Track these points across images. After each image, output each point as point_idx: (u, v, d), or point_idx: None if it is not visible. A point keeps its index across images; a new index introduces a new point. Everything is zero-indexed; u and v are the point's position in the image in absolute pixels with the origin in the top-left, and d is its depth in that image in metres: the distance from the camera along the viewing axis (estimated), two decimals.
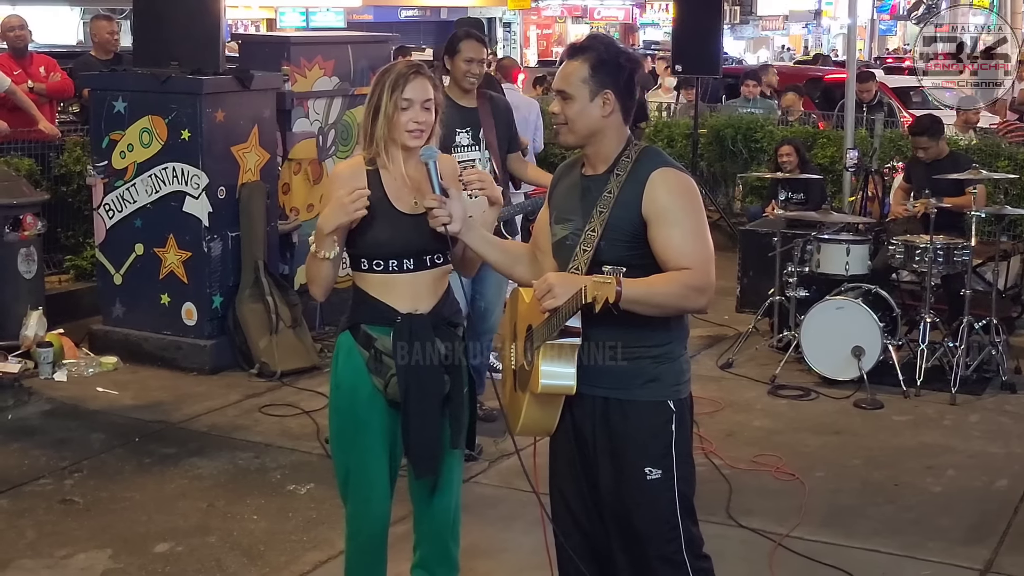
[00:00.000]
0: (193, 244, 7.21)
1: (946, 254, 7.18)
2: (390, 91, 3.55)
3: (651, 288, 3.18)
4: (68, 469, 5.71)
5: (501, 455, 5.89)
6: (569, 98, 3.33)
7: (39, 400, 6.65)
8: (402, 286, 3.61)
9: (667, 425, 3.33)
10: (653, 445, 3.33)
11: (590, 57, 3.32)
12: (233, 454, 5.90)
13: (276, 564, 4.70)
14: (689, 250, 3.22)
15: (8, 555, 4.81)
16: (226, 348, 7.27)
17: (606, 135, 3.34)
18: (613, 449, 3.37)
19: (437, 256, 3.63)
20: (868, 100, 11.88)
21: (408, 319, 3.59)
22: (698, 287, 3.22)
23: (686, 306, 3.27)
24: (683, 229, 3.23)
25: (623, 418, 3.33)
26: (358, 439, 3.67)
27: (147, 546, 4.89)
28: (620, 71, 3.32)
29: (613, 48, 3.37)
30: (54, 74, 9.30)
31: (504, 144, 6.14)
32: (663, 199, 3.24)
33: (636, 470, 3.33)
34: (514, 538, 5.03)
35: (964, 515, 5.30)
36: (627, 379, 3.31)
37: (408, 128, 3.55)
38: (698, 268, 3.21)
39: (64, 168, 8.56)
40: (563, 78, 3.35)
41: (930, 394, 6.95)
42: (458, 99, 6.00)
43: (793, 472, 5.72)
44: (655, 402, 3.32)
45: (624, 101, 3.34)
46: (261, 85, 7.46)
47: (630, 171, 3.29)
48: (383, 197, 3.57)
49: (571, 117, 3.34)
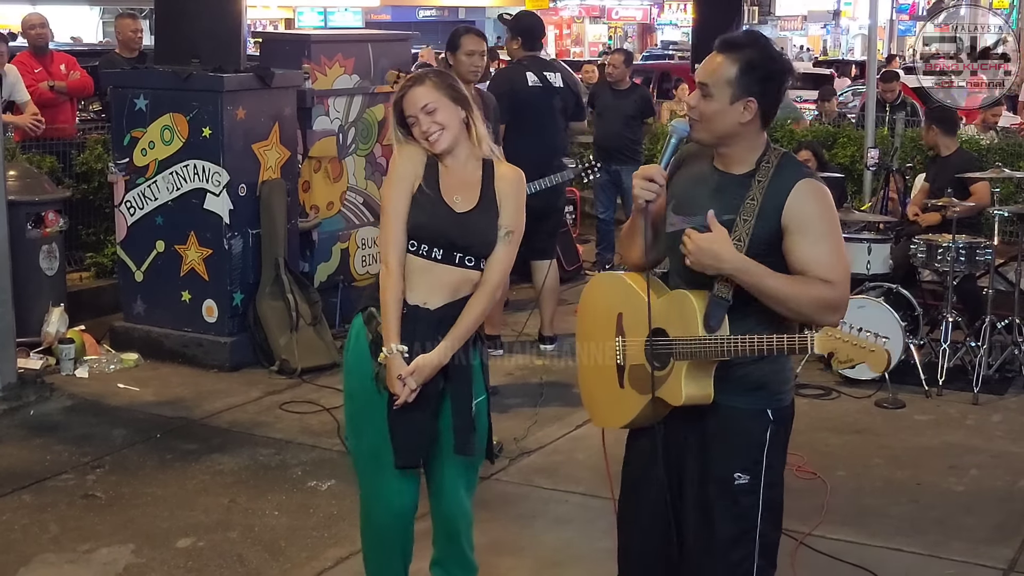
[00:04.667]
0: (214, 241, 7.23)
1: (968, 253, 7.16)
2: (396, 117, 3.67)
3: (783, 292, 3.10)
4: (90, 464, 5.73)
5: (521, 453, 5.89)
6: (709, 95, 3.16)
7: (61, 396, 6.68)
8: (422, 274, 3.63)
9: (763, 433, 3.25)
10: (748, 451, 3.25)
11: (740, 58, 3.14)
12: (254, 450, 5.92)
13: (297, 560, 4.72)
14: (833, 265, 3.13)
15: (31, 549, 4.83)
16: (246, 345, 7.29)
17: (744, 138, 3.20)
18: (704, 450, 3.28)
19: (468, 258, 3.63)
20: (891, 100, 11.83)
21: (414, 311, 3.61)
22: (834, 304, 3.13)
23: (815, 318, 3.13)
24: (828, 244, 3.14)
25: (724, 423, 3.24)
26: (369, 420, 3.69)
27: (169, 541, 4.91)
28: (769, 80, 3.16)
29: (767, 52, 3.19)
30: (74, 72, 9.35)
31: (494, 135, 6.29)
32: (809, 210, 3.13)
33: (727, 474, 3.25)
34: (535, 536, 5.02)
35: (987, 514, 5.28)
36: (734, 384, 3.21)
37: (426, 139, 3.62)
38: (839, 285, 3.13)
39: (86, 165, 8.59)
40: (707, 72, 3.18)
41: (952, 394, 6.92)
42: None
43: (815, 471, 5.70)
44: (754, 410, 3.24)
45: (767, 109, 3.18)
46: (282, 83, 7.47)
47: (771, 177, 3.16)
48: (435, 184, 3.63)
49: (707, 115, 3.17)
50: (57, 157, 8.44)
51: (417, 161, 3.64)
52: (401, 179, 3.64)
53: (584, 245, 10.34)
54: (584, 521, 5.08)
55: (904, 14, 48.49)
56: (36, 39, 9.35)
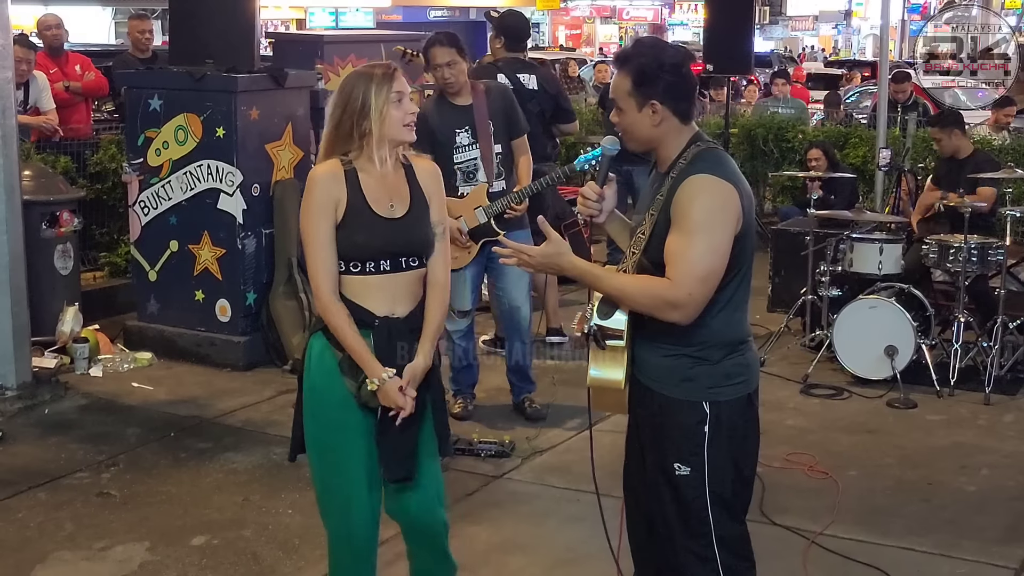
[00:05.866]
0: (227, 241, 7.25)
1: (980, 254, 7.15)
2: (378, 89, 3.52)
3: (622, 289, 3.23)
4: (105, 463, 5.76)
5: (534, 452, 5.91)
6: (620, 109, 3.34)
7: (75, 395, 6.71)
8: (378, 288, 3.57)
9: (700, 425, 3.31)
10: (684, 443, 3.33)
11: (632, 69, 3.29)
12: (268, 449, 5.94)
13: (311, 558, 4.73)
14: (681, 262, 3.17)
15: (47, 547, 4.86)
16: (259, 344, 7.32)
17: (665, 140, 3.33)
18: (653, 442, 3.39)
19: (412, 259, 3.60)
20: (903, 100, 11.82)
21: (386, 322, 3.57)
22: (671, 301, 3.17)
23: (658, 316, 3.22)
24: (687, 241, 3.18)
25: (660, 412, 3.36)
26: (335, 441, 3.60)
27: (183, 539, 4.93)
28: (661, 80, 3.27)
29: (655, 55, 3.30)
30: (89, 73, 9.39)
31: (503, 132, 6.09)
32: (684, 206, 3.20)
33: (667, 465, 3.35)
34: (547, 534, 5.04)
35: (999, 514, 5.28)
36: (666, 375, 3.33)
37: (405, 122, 3.56)
38: (678, 283, 3.16)
39: (100, 165, 8.62)
40: (613, 89, 3.36)
41: (964, 394, 6.92)
42: (453, 100, 6.02)
43: (826, 471, 5.71)
44: (689, 401, 3.32)
45: (676, 104, 3.30)
46: (295, 83, 7.50)
47: (681, 172, 3.26)
48: (362, 199, 3.54)
49: (625, 127, 3.35)
50: (72, 157, 8.48)
51: (333, 186, 3.53)
52: (320, 208, 3.52)
53: (596, 245, 10.37)
54: (596, 520, 5.07)
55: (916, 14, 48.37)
56: (51, 40, 9.39)
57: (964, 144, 8.06)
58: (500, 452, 5.84)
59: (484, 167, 6.02)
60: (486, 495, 5.44)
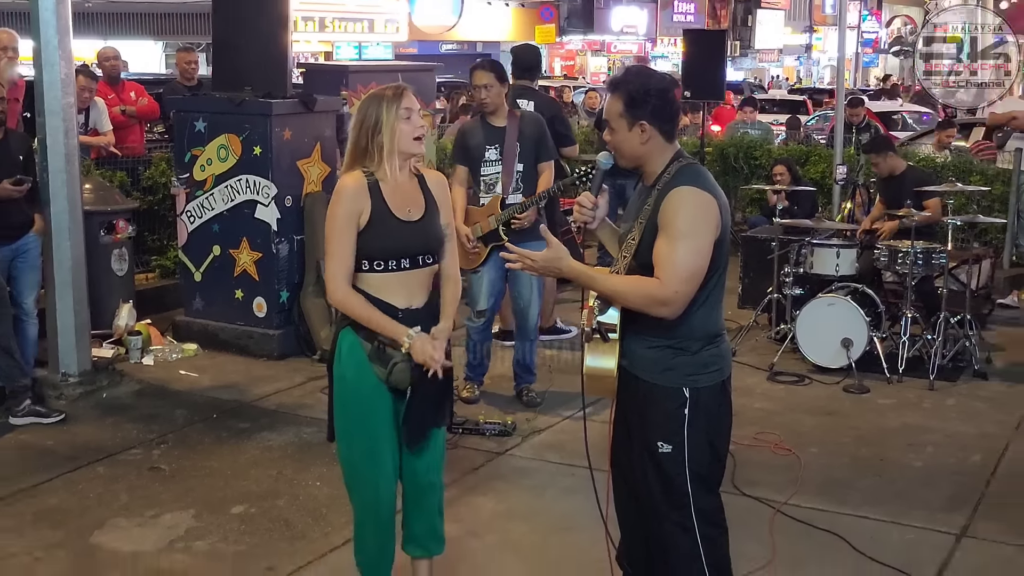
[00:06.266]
0: (263, 246, 7.24)
1: (925, 257, 7.14)
2: (389, 107, 3.51)
3: (616, 289, 3.22)
4: (155, 441, 5.75)
5: (533, 431, 5.89)
6: (612, 129, 3.34)
7: (130, 381, 6.69)
8: (397, 284, 3.54)
9: (680, 409, 3.30)
10: (666, 424, 3.31)
11: (623, 92, 3.28)
12: (299, 429, 5.92)
13: (337, 524, 4.71)
14: (668, 264, 3.16)
15: (105, 514, 4.85)
16: (291, 337, 7.30)
17: (651, 157, 3.32)
18: (638, 424, 3.37)
19: (428, 256, 3.59)
20: (857, 123, 11.80)
21: (410, 314, 3.54)
22: (660, 299, 3.16)
23: (648, 312, 3.20)
24: (674, 245, 3.17)
25: (645, 397, 3.34)
26: (367, 425, 3.57)
27: (224, 507, 4.92)
28: (649, 103, 3.27)
29: (642, 80, 3.31)
30: (142, 99, 9.37)
31: (530, 154, 6.09)
32: (671, 214, 3.19)
33: (651, 443, 3.33)
34: (545, 504, 5.02)
35: (942, 487, 5.27)
36: (651, 364, 3.32)
37: (415, 135, 3.53)
38: (666, 282, 3.16)
39: (151, 180, 8.60)
40: (606, 111, 3.35)
41: (911, 380, 6.89)
42: (491, 121, 6.04)
43: (790, 448, 5.69)
44: (671, 388, 3.30)
45: (661, 125, 3.29)
46: (323, 107, 7.48)
47: (665, 185, 3.26)
48: (384, 206, 3.53)
49: (616, 145, 3.35)
50: (127, 173, 8.46)
51: (359, 198, 3.50)
52: (346, 218, 3.48)
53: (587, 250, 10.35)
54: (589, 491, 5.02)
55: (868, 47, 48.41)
56: (110, 70, 9.38)
57: (898, 163, 8.04)
58: (503, 432, 5.82)
59: (503, 180, 6.02)
60: (491, 469, 5.42)
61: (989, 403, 6.56)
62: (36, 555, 4.47)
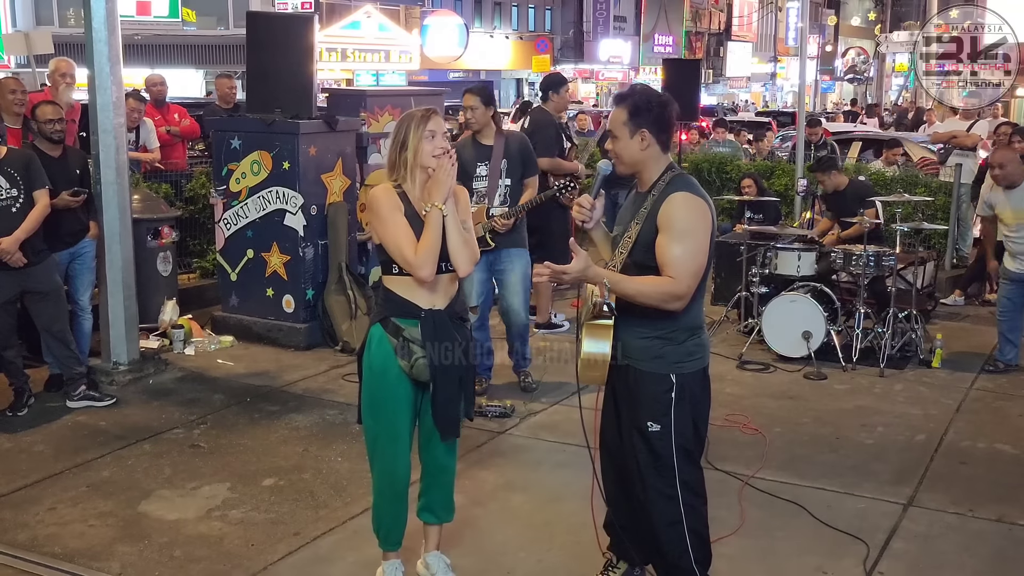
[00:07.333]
0: (291, 250, 7.22)
1: (876, 260, 7.13)
2: (415, 128, 3.49)
3: (639, 289, 3.20)
4: (196, 422, 5.74)
5: (530, 413, 5.88)
6: (615, 137, 3.34)
7: (173, 369, 6.68)
8: (422, 286, 3.51)
9: (667, 393, 3.29)
10: (655, 406, 3.30)
11: (628, 104, 3.31)
12: (323, 411, 5.91)
13: (356, 495, 4.71)
14: (678, 263, 3.16)
15: (151, 486, 4.85)
16: (316, 330, 7.28)
17: (648, 164, 3.32)
18: (629, 406, 3.37)
19: (448, 264, 3.52)
20: (816, 141, 11.78)
21: (431, 314, 3.51)
22: (675, 295, 3.18)
23: (664, 306, 3.20)
24: (680, 245, 3.16)
25: (636, 382, 3.33)
26: (388, 409, 3.56)
27: (257, 480, 4.91)
28: (651, 113, 3.29)
29: (647, 95, 3.34)
30: (185, 120, 9.35)
31: (516, 170, 6.01)
32: (672, 217, 3.18)
33: (641, 423, 3.32)
34: (541, 477, 5.01)
35: (891, 462, 5.26)
36: (641, 353, 3.31)
37: (434, 154, 3.49)
38: (679, 279, 3.16)
39: (193, 191, 8.60)
40: (610, 121, 3.38)
41: (863, 368, 6.88)
42: (480, 139, 6.01)
43: (757, 428, 5.68)
44: (660, 374, 3.29)
45: (659, 135, 3.30)
46: (344, 127, 7.46)
47: (661, 192, 3.26)
48: (413, 212, 3.50)
49: (617, 152, 3.35)
50: (171, 185, 8.46)
51: (394, 197, 3.49)
52: (394, 207, 3.47)
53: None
54: (578, 466, 5.04)
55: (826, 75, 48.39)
56: (157, 94, 9.35)
57: (841, 179, 8.02)
58: (503, 414, 5.81)
59: (488, 193, 6.00)
60: (493, 447, 5.41)
61: (933, 388, 6.55)
62: (90, 523, 4.46)
